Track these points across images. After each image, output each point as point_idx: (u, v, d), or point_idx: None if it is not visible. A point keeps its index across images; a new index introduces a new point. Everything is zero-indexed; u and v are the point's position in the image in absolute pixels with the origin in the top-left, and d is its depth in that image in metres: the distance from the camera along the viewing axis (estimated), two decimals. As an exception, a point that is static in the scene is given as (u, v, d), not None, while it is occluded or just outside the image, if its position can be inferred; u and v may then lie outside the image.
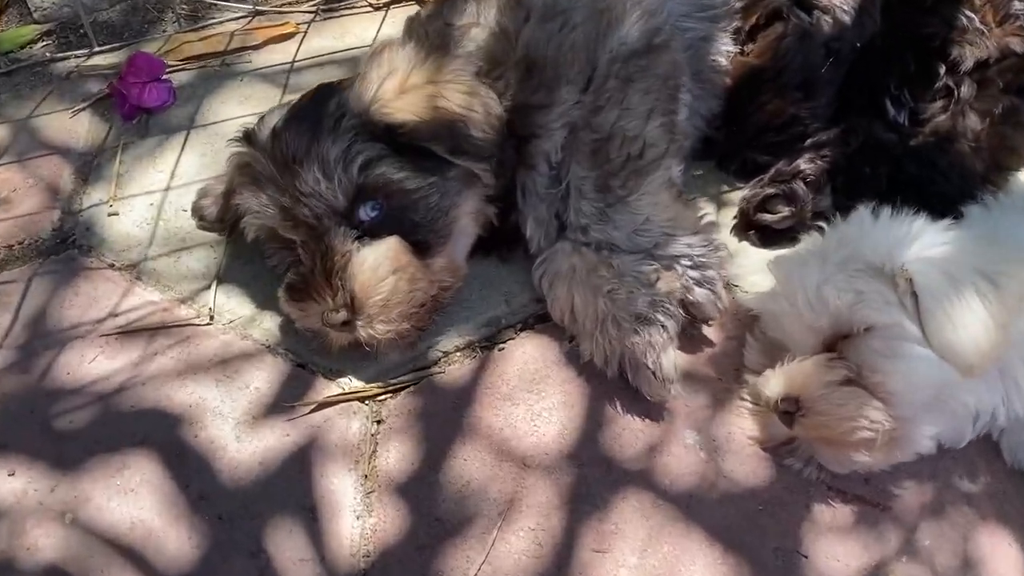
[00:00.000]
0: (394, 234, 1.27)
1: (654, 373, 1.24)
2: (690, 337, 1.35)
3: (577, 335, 1.32)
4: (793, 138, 1.53)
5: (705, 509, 1.20)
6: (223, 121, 1.62)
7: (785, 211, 1.46)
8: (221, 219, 1.42)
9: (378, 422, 1.27)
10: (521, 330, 1.37)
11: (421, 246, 1.29)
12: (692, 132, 1.45)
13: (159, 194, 1.52)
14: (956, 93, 1.44)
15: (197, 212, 1.45)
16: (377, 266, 1.24)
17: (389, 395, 1.29)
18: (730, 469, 1.24)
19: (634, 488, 1.22)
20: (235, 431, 1.25)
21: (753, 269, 1.44)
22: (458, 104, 1.28)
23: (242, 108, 1.64)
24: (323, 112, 1.26)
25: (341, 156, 1.23)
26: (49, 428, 1.22)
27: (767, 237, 1.49)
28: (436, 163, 1.28)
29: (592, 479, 1.22)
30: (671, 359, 1.25)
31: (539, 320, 1.38)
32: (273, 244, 1.36)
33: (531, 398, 1.29)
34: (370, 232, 1.27)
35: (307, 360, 1.33)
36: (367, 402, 1.29)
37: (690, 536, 1.18)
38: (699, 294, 1.29)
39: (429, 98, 1.27)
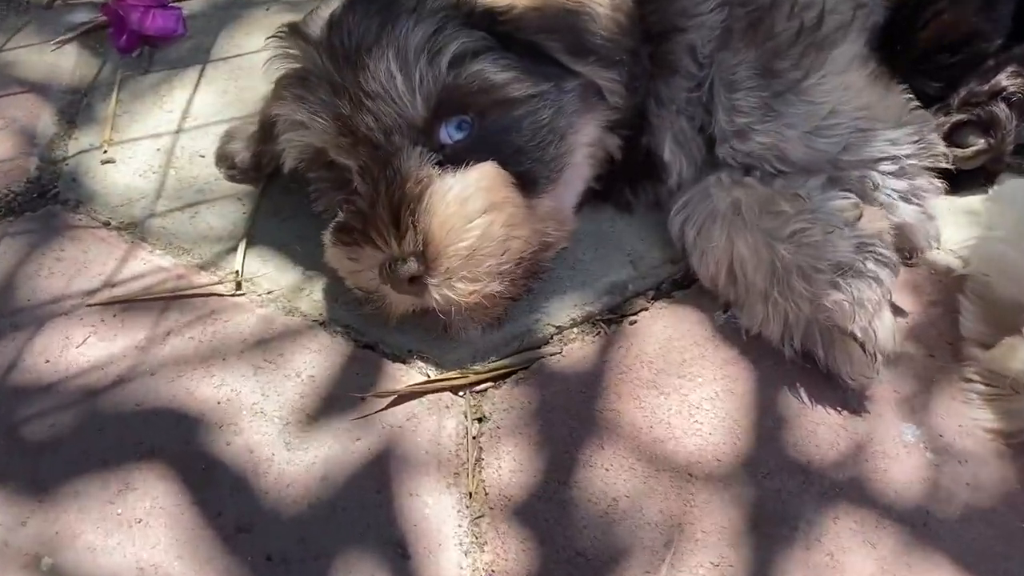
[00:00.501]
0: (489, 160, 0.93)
1: (863, 345, 0.90)
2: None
3: (737, 300, 0.98)
4: (971, 59, 1.21)
5: (948, 530, 0.85)
6: (248, 54, 1.29)
7: (980, 143, 1.13)
8: (256, 166, 1.09)
9: (480, 419, 0.92)
10: (654, 299, 1.03)
11: (525, 180, 0.96)
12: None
13: (168, 137, 1.18)
14: None
15: (224, 159, 1.12)
16: (465, 199, 0.90)
17: (491, 384, 0.95)
18: (971, 474, 0.89)
19: (847, 504, 0.87)
20: (283, 435, 0.89)
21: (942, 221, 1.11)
22: (585, -9, 0.95)
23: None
24: None
25: (425, 43, 0.90)
26: (19, 436, 0.90)
27: (955, 179, 1.15)
28: (549, 70, 0.95)
29: (787, 493, 0.87)
30: (889, 324, 0.91)
31: (676, 286, 1.05)
32: (321, 179, 1.03)
33: (684, 386, 0.94)
34: (453, 161, 0.93)
35: (375, 339, 0.98)
36: (462, 393, 0.94)
37: (938, 569, 0.82)
38: (906, 212, 0.96)
39: (544, -19, 0.94)
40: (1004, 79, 1.15)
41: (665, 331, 0.99)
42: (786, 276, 0.93)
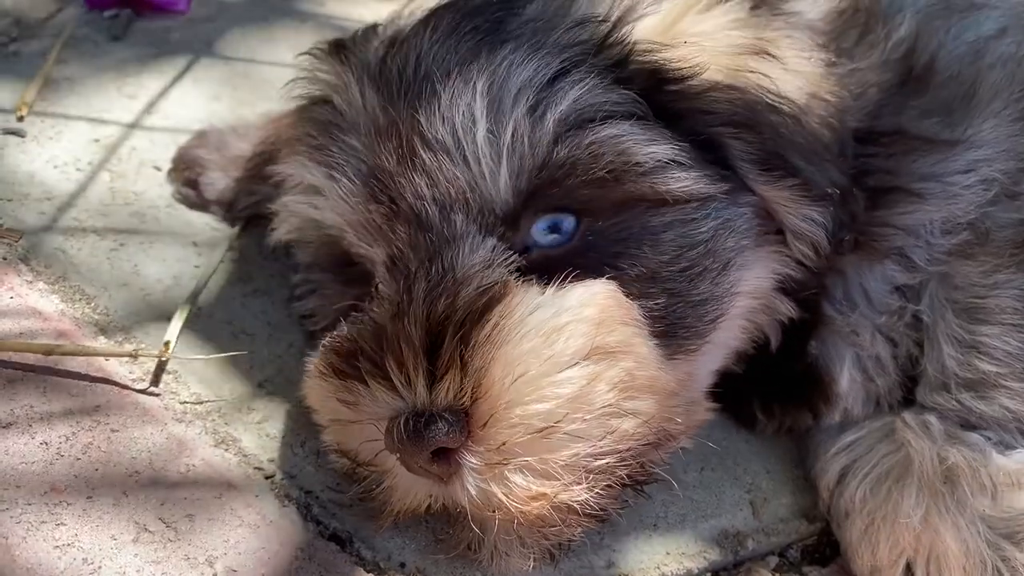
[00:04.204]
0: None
1: None
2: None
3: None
4: None
5: None
6: (262, 63, 0.94)
7: None
8: (230, 201, 0.73)
9: None
10: (779, 571, 0.67)
11: (658, 325, 0.61)
12: None
13: (116, 129, 0.81)
14: None
15: (184, 169, 0.78)
16: (556, 331, 0.57)
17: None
18: None
19: None
20: None
21: None
22: (797, 85, 0.64)
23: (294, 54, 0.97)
24: (512, 8, 0.63)
25: (533, 86, 0.59)
26: None
27: None
28: (718, 171, 0.63)
29: None
30: None
31: (807, 556, 0.71)
32: (322, 269, 0.68)
33: None
34: (539, 272, 0.59)
35: (350, 529, 0.59)
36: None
37: None
38: None
39: (745, 55, 0.63)
40: None
41: (797, 634, 0.63)
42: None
